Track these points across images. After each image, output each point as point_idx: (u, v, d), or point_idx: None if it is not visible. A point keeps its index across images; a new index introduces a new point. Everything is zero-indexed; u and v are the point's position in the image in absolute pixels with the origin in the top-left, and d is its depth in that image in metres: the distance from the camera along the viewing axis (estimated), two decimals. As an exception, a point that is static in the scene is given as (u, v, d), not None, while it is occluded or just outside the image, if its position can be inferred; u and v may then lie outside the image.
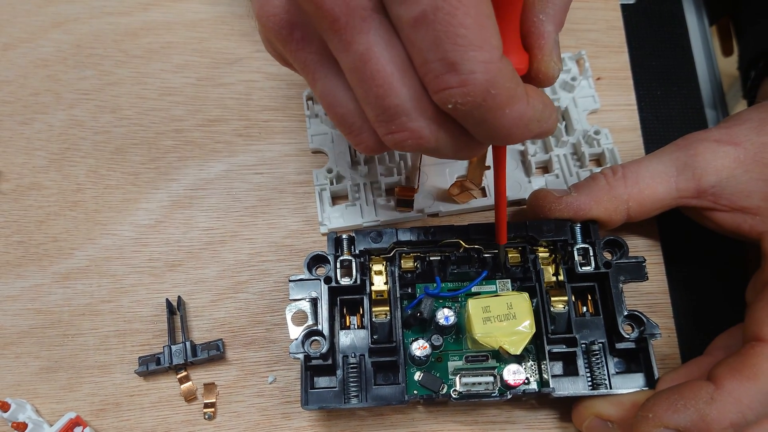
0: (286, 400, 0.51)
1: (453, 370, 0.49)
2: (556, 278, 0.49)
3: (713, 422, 0.41)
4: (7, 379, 0.52)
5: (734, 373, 0.42)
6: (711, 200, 0.48)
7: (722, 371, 0.42)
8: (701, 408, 0.42)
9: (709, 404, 0.42)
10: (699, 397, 0.42)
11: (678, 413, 0.42)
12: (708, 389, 0.42)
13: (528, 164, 0.56)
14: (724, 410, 0.41)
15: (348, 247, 0.48)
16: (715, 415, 0.41)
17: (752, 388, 0.41)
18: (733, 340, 0.45)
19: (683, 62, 0.63)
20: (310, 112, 0.59)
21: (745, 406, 0.41)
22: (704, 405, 0.42)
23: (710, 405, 0.41)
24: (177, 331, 0.52)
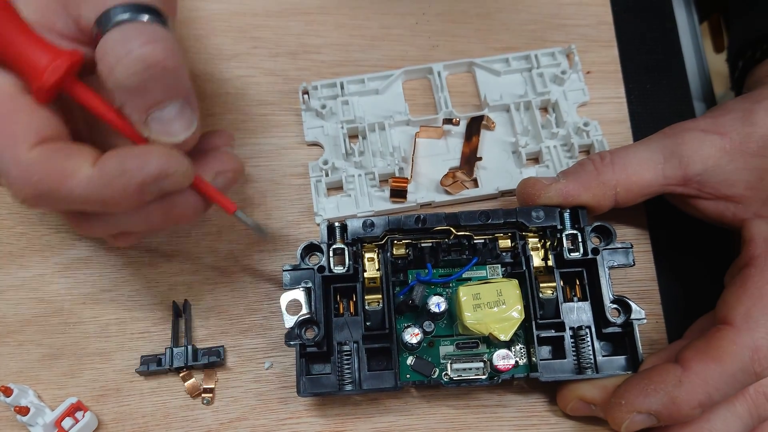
0: (283, 385, 0.52)
1: (444, 355, 0.50)
2: (545, 264, 0.50)
3: (682, 404, 0.43)
4: (9, 366, 0.53)
5: (701, 356, 0.43)
6: (696, 188, 0.49)
7: (689, 354, 0.44)
8: (670, 391, 0.43)
9: (678, 387, 0.43)
10: (668, 380, 0.43)
11: (648, 397, 0.44)
12: (676, 372, 0.43)
13: (519, 155, 0.58)
14: (692, 392, 0.43)
15: (341, 235, 0.50)
16: (684, 397, 0.43)
17: (718, 370, 0.43)
18: (711, 324, 0.46)
19: (672, 56, 0.64)
20: (305, 106, 0.60)
21: (712, 387, 0.43)
22: (673, 387, 0.43)
23: (679, 387, 0.43)
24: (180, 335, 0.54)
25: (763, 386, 0.46)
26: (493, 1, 0.65)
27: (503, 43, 0.63)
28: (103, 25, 0.40)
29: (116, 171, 0.39)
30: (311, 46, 0.63)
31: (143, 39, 0.39)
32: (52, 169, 0.39)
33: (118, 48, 0.39)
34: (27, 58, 0.39)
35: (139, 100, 0.40)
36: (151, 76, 0.39)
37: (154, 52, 0.39)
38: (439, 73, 0.61)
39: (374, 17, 0.64)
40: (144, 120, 0.41)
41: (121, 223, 0.43)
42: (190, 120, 0.42)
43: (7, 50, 0.39)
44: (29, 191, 0.39)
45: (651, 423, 0.44)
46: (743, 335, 0.43)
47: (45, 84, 0.39)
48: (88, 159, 0.40)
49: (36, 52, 0.39)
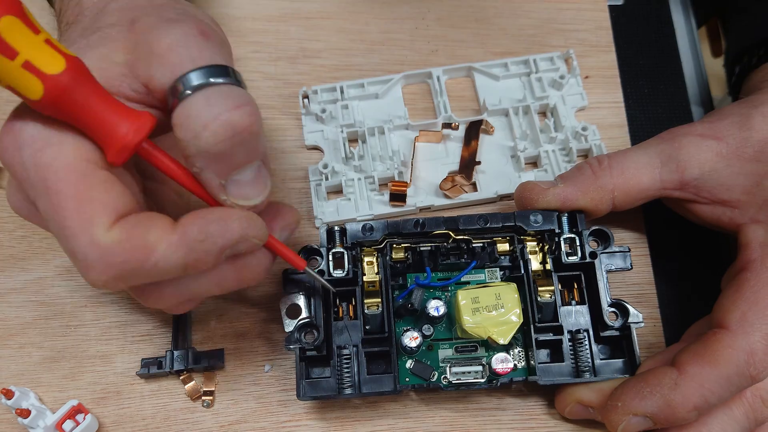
0: (282, 388, 0.52)
1: (443, 359, 0.50)
2: (543, 267, 0.51)
3: (678, 407, 0.43)
4: (11, 369, 0.53)
5: (697, 359, 0.44)
6: (693, 192, 0.50)
7: (685, 357, 0.44)
8: (666, 393, 0.43)
9: (673, 389, 0.43)
10: (663, 383, 0.44)
11: (645, 400, 0.44)
12: (672, 375, 0.44)
13: (518, 159, 0.58)
14: (687, 395, 0.43)
15: (340, 239, 0.50)
16: (679, 400, 0.43)
17: (713, 373, 0.43)
18: (707, 328, 0.47)
19: (670, 61, 0.64)
20: (305, 110, 0.60)
21: (707, 390, 0.43)
22: (669, 390, 0.43)
23: (674, 390, 0.43)
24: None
25: (760, 390, 0.46)
26: (492, 7, 0.65)
27: (502, 48, 0.64)
28: (181, 88, 0.38)
29: (198, 237, 0.39)
30: (311, 50, 0.63)
31: (230, 104, 0.38)
32: (135, 247, 0.37)
33: (204, 113, 0.37)
34: (104, 120, 0.38)
35: (222, 165, 0.39)
36: (238, 141, 0.38)
37: (242, 118, 0.38)
38: (438, 77, 0.61)
39: (374, 22, 0.65)
40: (223, 184, 0.40)
41: (193, 289, 0.42)
42: (265, 182, 0.42)
43: (84, 112, 0.37)
44: (112, 274, 0.38)
45: (647, 426, 0.45)
46: (739, 339, 0.43)
47: (128, 145, 0.38)
48: (166, 228, 0.38)
49: (113, 114, 0.38)
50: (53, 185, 0.37)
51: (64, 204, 0.37)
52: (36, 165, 0.37)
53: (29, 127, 0.38)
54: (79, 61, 0.37)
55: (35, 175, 0.37)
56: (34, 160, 0.37)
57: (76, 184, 0.37)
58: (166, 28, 0.40)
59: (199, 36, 0.40)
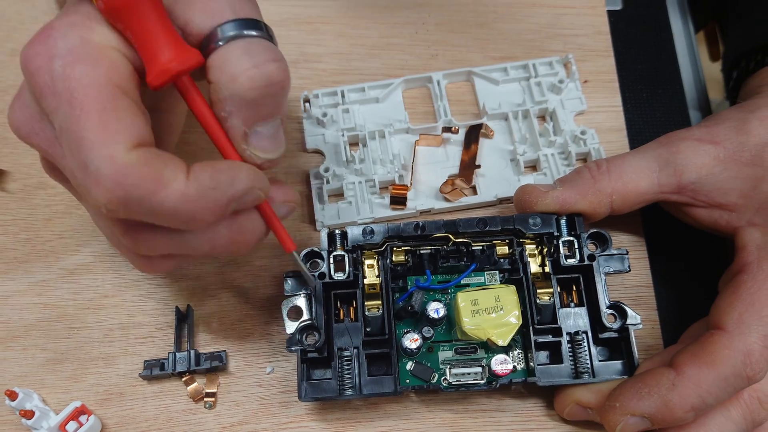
0: (284, 389, 0.53)
1: (443, 360, 0.51)
2: (542, 270, 0.51)
3: (675, 407, 0.44)
4: (14, 370, 0.54)
5: (694, 360, 0.44)
6: (690, 196, 0.50)
7: (683, 358, 0.45)
8: (664, 394, 0.44)
9: (671, 390, 0.44)
10: (661, 383, 0.44)
11: (642, 401, 0.44)
12: (669, 376, 0.44)
13: (517, 163, 0.58)
14: (685, 395, 0.43)
15: (341, 242, 0.50)
16: (677, 401, 0.44)
17: (711, 374, 0.43)
18: (705, 330, 0.47)
19: (668, 66, 0.65)
20: (306, 114, 0.60)
21: (705, 390, 0.43)
22: (666, 391, 0.44)
23: (672, 391, 0.44)
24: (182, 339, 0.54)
25: (758, 391, 0.47)
26: (492, 11, 0.66)
27: (502, 53, 0.64)
28: (219, 35, 0.40)
29: (209, 184, 0.39)
30: (312, 54, 0.64)
31: (268, 56, 0.40)
32: (149, 175, 0.37)
33: (244, 60, 0.39)
34: (160, 39, 0.39)
35: (250, 113, 0.41)
36: (270, 92, 0.40)
37: (278, 71, 0.40)
38: (438, 81, 0.62)
39: (374, 27, 0.65)
40: (243, 133, 0.41)
41: (185, 242, 0.42)
42: (282, 141, 0.43)
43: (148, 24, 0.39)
44: (119, 194, 0.37)
45: (645, 426, 0.45)
46: (736, 340, 0.44)
47: (172, 70, 0.39)
48: (183, 170, 0.39)
49: (169, 37, 0.39)
50: (80, 96, 0.37)
51: (88, 116, 0.37)
52: (66, 76, 0.38)
53: (66, 40, 0.38)
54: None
55: (62, 85, 0.38)
56: (64, 71, 0.38)
57: (103, 101, 0.37)
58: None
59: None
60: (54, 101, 0.38)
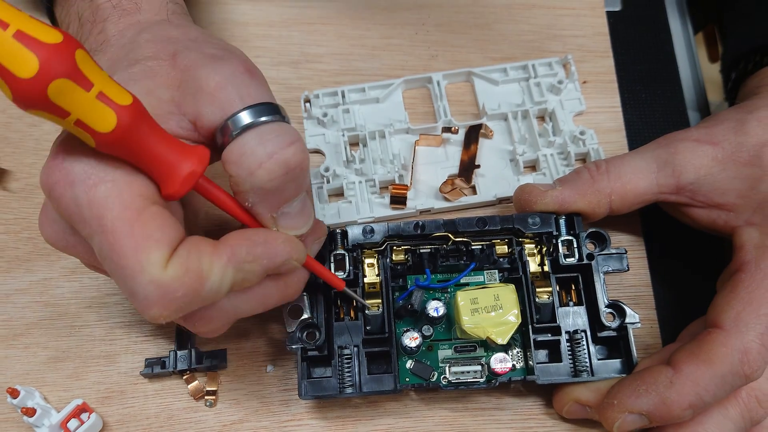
0: (284, 387, 0.53)
1: (443, 359, 0.51)
2: (542, 269, 0.51)
3: (673, 404, 0.44)
4: (16, 368, 0.54)
5: (692, 358, 0.45)
6: (689, 196, 0.51)
7: (681, 356, 0.45)
8: (661, 392, 0.44)
9: (669, 388, 0.44)
10: (659, 381, 0.45)
11: (640, 398, 0.45)
12: (667, 374, 0.45)
13: (516, 163, 0.59)
14: (682, 393, 0.44)
15: (341, 242, 0.51)
16: (674, 398, 0.44)
17: (708, 372, 0.44)
18: (703, 328, 0.47)
19: (667, 66, 0.65)
20: (307, 114, 0.61)
21: (702, 388, 0.44)
22: (664, 389, 0.44)
23: (670, 388, 0.44)
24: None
25: (756, 390, 0.47)
26: (492, 12, 0.66)
27: (501, 53, 0.65)
28: (231, 127, 0.40)
29: (247, 258, 0.40)
30: (313, 55, 0.64)
31: (282, 142, 0.39)
32: (191, 280, 0.38)
33: (259, 152, 0.39)
34: (163, 155, 0.38)
35: (274, 200, 0.41)
36: (290, 178, 0.40)
37: (295, 155, 0.40)
38: (438, 82, 0.62)
39: (375, 28, 0.65)
40: (270, 218, 0.42)
41: (239, 308, 0.43)
42: (310, 212, 0.44)
43: (147, 147, 0.38)
44: (174, 308, 0.39)
45: (642, 423, 0.45)
46: (733, 338, 0.44)
47: (190, 179, 0.39)
48: (213, 251, 0.39)
49: (174, 149, 0.39)
50: (109, 224, 0.37)
51: (121, 243, 0.37)
52: (90, 202, 0.37)
53: (80, 163, 0.38)
54: (137, 98, 0.37)
55: (89, 213, 0.37)
56: (87, 197, 0.37)
57: (131, 223, 0.37)
58: (213, 66, 0.41)
59: (246, 74, 0.41)
60: (86, 229, 0.38)
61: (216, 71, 0.41)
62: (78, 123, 0.34)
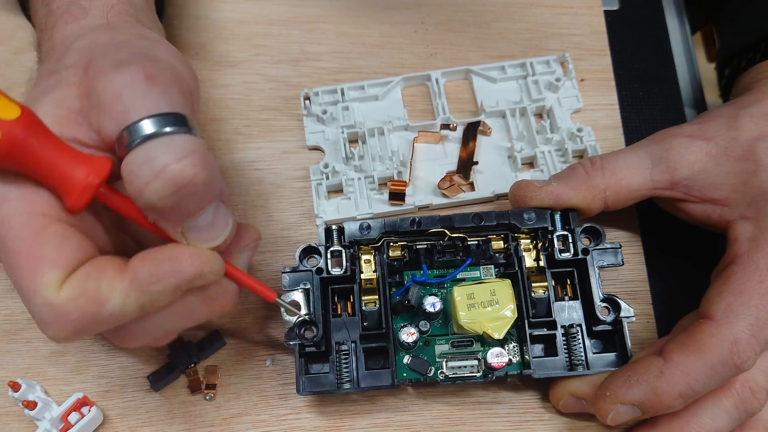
0: (283, 382, 0.53)
1: (440, 354, 0.51)
2: (537, 264, 0.52)
3: (663, 394, 0.44)
4: (17, 363, 0.54)
5: (682, 348, 0.45)
6: (683, 192, 0.51)
7: (671, 347, 0.45)
8: (652, 382, 0.45)
9: (659, 378, 0.44)
10: (650, 371, 0.45)
11: (632, 389, 0.45)
12: (658, 364, 0.45)
13: (514, 160, 0.59)
14: (672, 382, 0.44)
15: (338, 238, 0.51)
16: (664, 388, 0.44)
17: (698, 362, 0.44)
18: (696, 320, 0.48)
19: (664, 65, 0.65)
20: (307, 112, 0.61)
21: (692, 378, 0.44)
22: (655, 379, 0.45)
23: (660, 378, 0.44)
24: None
25: (749, 381, 0.47)
26: (490, 11, 0.67)
27: (500, 52, 0.65)
28: (126, 140, 0.38)
29: (149, 279, 0.38)
30: (312, 53, 0.65)
31: (170, 157, 0.37)
32: (87, 302, 0.37)
33: (145, 170, 0.37)
34: (59, 167, 0.37)
35: (173, 217, 0.39)
36: (184, 194, 0.38)
37: (184, 171, 0.37)
38: (437, 80, 0.62)
39: (374, 26, 0.66)
40: (178, 233, 0.40)
41: (163, 325, 0.42)
42: (226, 221, 0.41)
43: (38, 161, 0.37)
44: (70, 330, 0.38)
45: (635, 414, 0.46)
46: (723, 328, 0.45)
47: (84, 191, 0.38)
48: (116, 274, 0.38)
49: (68, 161, 0.38)
50: (9, 243, 0.38)
51: (18, 263, 0.37)
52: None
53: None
54: (30, 110, 0.37)
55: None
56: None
57: (28, 242, 0.37)
58: (113, 75, 0.40)
59: (145, 81, 0.39)
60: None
61: (114, 80, 0.39)
62: None
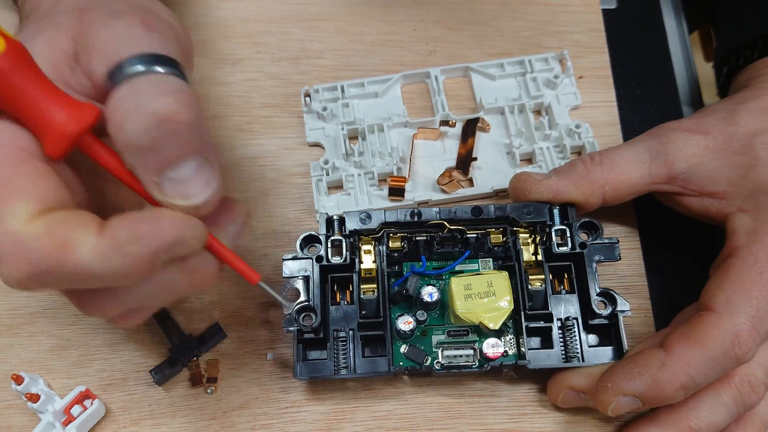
0: (283, 375, 0.54)
1: (437, 344, 0.52)
2: (535, 258, 0.52)
3: (665, 385, 0.45)
4: (21, 356, 0.55)
5: (684, 340, 0.45)
6: (681, 185, 0.51)
7: (673, 339, 0.46)
8: (654, 373, 0.45)
9: (661, 369, 0.45)
10: (651, 363, 0.45)
11: (633, 380, 0.45)
12: (659, 356, 0.45)
13: (513, 156, 0.60)
14: (674, 374, 0.44)
15: (339, 228, 0.52)
16: (666, 379, 0.45)
17: (699, 353, 0.45)
18: (695, 313, 0.48)
19: (662, 63, 0.66)
20: (307, 109, 0.62)
21: (694, 369, 0.44)
22: (656, 370, 0.45)
23: (662, 370, 0.45)
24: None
25: (748, 375, 0.47)
26: (489, 9, 0.67)
27: (498, 49, 0.66)
28: (115, 79, 0.37)
29: (126, 239, 0.35)
30: (313, 51, 0.65)
31: (155, 92, 0.36)
32: (52, 244, 0.34)
33: (128, 103, 0.35)
34: (43, 109, 0.35)
35: (151, 160, 0.36)
36: (164, 132, 0.35)
37: (167, 106, 0.35)
38: (436, 77, 0.63)
39: (374, 24, 0.67)
40: (156, 181, 0.37)
41: (137, 297, 0.38)
42: (208, 180, 0.37)
43: (22, 100, 0.35)
44: (25, 270, 0.34)
45: (636, 405, 0.46)
46: (724, 320, 0.45)
47: (64, 136, 0.36)
48: (91, 227, 0.35)
49: (53, 103, 0.35)
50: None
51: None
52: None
53: None
54: (20, 45, 0.35)
55: None
56: None
57: (4, 169, 0.35)
58: (109, 20, 0.39)
59: (141, 26, 0.38)
60: None
61: (109, 24, 0.38)
62: None
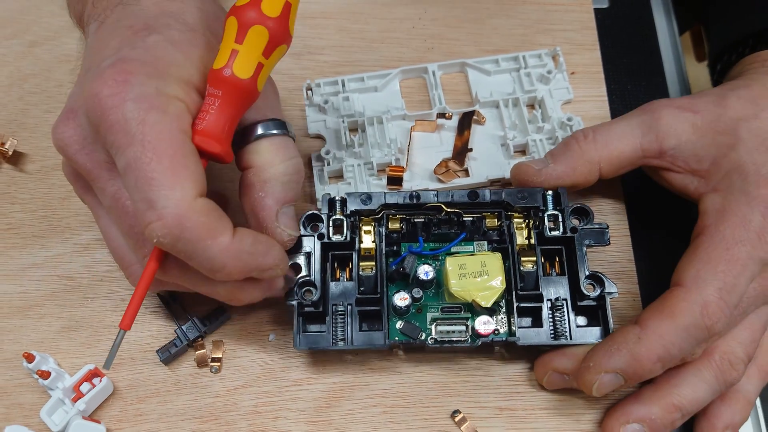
0: (286, 355, 0.56)
1: (431, 320, 0.53)
2: (528, 241, 0.54)
3: (643, 359, 0.47)
4: (31, 337, 0.57)
5: (656, 314, 0.48)
6: (669, 161, 0.54)
7: (646, 314, 0.48)
8: (631, 348, 0.47)
9: (638, 344, 0.47)
10: (628, 339, 0.47)
11: (613, 357, 0.47)
12: (635, 331, 0.48)
13: (507, 147, 0.62)
14: (650, 347, 0.47)
15: (341, 208, 0.53)
16: (643, 352, 0.47)
17: (672, 325, 0.47)
18: None
19: (652, 60, 0.68)
20: (309, 102, 0.64)
21: (668, 341, 0.47)
22: (633, 345, 0.47)
23: (638, 344, 0.47)
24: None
25: (728, 354, 0.49)
26: (485, 8, 0.69)
27: (494, 46, 0.68)
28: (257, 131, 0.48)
29: (249, 249, 0.44)
30: (315, 47, 0.67)
31: (295, 152, 0.49)
32: (206, 224, 0.42)
33: (282, 152, 0.48)
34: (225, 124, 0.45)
35: (280, 194, 0.48)
36: (296, 180, 0.49)
37: (301, 164, 0.49)
38: (433, 72, 0.65)
39: (373, 21, 0.69)
40: (276, 211, 0.48)
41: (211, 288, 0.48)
42: (296, 224, 0.51)
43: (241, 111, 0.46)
44: (176, 233, 0.41)
45: (618, 382, 0.48)
46: (693, 293, 0.47)
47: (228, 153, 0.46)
48: (231, 228, 0.44)
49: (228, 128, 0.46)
50: (153, 140, 0.41)
51: (160, 159, 0.41)
52: (140, 119, 0.42)
53: (143, 87, 0.43)
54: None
55: (136, 128, 0.42)
56: (138, 115, 0.42)
57: (174, 147, 0.42)
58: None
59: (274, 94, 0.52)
60: (125, 140, 0.42)
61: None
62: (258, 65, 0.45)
